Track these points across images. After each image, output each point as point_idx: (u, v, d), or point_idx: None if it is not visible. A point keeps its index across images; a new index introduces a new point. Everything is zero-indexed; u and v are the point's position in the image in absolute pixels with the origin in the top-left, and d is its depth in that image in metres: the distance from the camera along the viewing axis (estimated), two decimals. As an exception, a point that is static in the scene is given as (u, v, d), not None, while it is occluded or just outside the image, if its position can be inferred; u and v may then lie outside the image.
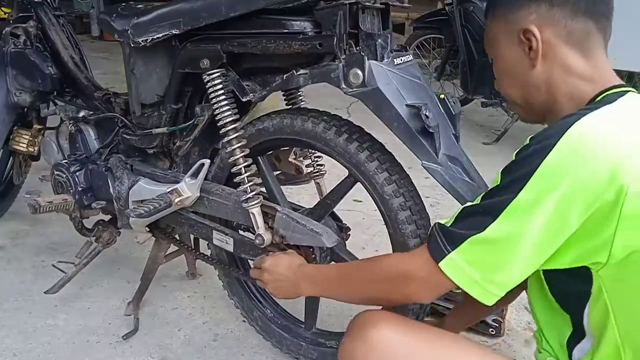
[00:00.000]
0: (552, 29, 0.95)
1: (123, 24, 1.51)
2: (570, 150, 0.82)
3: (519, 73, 0.99)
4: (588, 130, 0.83)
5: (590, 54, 0.95)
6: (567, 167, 0.82)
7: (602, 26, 0.95)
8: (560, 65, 0.95)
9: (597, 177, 0.81)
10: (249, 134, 1.46)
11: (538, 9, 0.95)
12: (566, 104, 0.96)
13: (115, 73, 4.39)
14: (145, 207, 1.54)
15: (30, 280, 2.08)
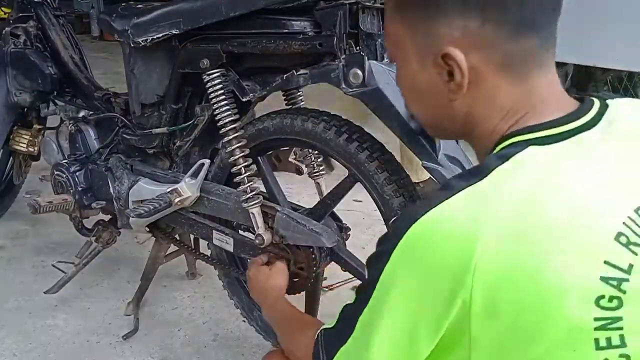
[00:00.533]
0: (482, 52, 0.67)
1: (123, 24, 1.51)
2: (405, 262, 0.65)
3: (431, 99, 0.74)
4: (426, 235, 0.64)
5: (527, 78, 0.69)
6: (402, 283, 0.65)
7: (545, 39, 0.69)
8: (487, 97, 0.70)
9: (437, 297, 0.63)
10: (249, 134, 1.46)
11: (465, 24, 0.66)
12: (483, 140, 0.73)
13: (115, 73, 4.38)
14: (145, 207, 1.54)
15: (30, 280, 2.08)
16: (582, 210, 0.62)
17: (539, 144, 0.65)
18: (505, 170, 0.64)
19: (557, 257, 0.60)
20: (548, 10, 0.68)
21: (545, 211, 0.62)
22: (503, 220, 0.61)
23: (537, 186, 0.63)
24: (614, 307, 0.61)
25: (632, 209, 0.63)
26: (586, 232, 0.62)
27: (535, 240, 0.61)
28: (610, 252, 0.61)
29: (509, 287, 0.61)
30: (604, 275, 0.61)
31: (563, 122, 0.68)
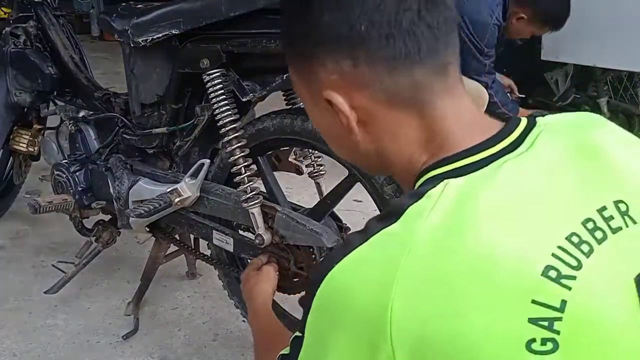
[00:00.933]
0: (363, 92, 0.64)
1: (123, 24, 1.51)
2: (323, 316, 0.62)
3: (340, 140, 0.71)
4: (340, 287, 0.60)
5: (427, 110, 0.65)
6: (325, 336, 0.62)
7: (436, 67, 0.64)
8: (388, 133, 0.67)
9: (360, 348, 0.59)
10: (249, 134, 1.46)
11: (339, 68, 0.64)
12: (403, 174, 0.70)
13: (115, 73, 4.39)
14: (145, 207, 1.54)
15: (30, 280, 2.08)
16: (501, 247, 0.55)
17: (454, 176, 0.61)
18: (418, 209, 0.59)
19: (477, 303, 0.54)
20: (430, 40, 0.63)
21: (460, 253, 0.56)
22: (416, 266, 0.56)
23: (451, 225, 0.57)
24: (549, 351, 0.53)
25: (563, 237, 0.57)
26: (508, 271, 0.55)
27: (451, 286, 0.55)
28: (538, 289, 0.54)
29: (429, 339, 0.55)
30: (533, 316, 0.54)
31: (481, 149, 0.63)
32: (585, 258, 0.56)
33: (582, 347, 0.55)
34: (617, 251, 0.58)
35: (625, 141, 0.68)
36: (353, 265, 0.60)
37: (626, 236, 0.59)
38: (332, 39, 0.64)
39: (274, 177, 1.54)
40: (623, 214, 0.60)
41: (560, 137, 0.65)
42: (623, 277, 0.58)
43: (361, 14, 0.61)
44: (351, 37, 0.62)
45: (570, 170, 0.62)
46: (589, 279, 0.56)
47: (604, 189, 0.61)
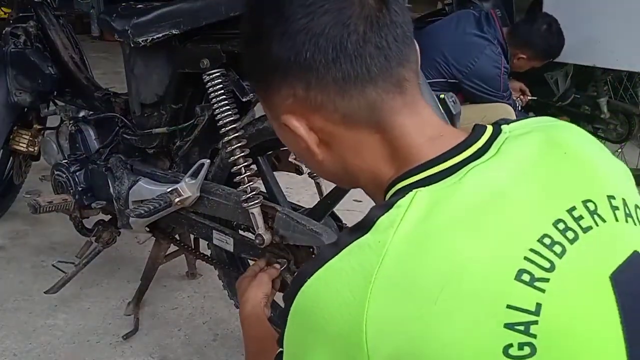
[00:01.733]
0: (319, 114, 0.66)
1: (123, 24, 1.50)
2: (299, 329, 0.63)
3: (308, 160, 0.73)
4: (314, 300, 0.60)
5: (385, 126, 0.65)
6: (301, 348, 0.63)
7: (393, 82, 0.65)
8: (351, 150, 0.68)
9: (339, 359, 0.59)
10: (249, 133, 1.46)
11: (292, 92, 0.65)
12: (372, 189, 0.71)
13: (115, 73, 4.39)
14: (145, 207, 1.54)
15: (30, 280, 2.08)
16: (473, 254, 0.55)
17: (422, 186, 0.61)
18: (389, 219, 0.59)
19: (450, 312, 0.54)
20: (379, 60, 0.63)
21: (431, 261, 0.56)
22: (389, 276, 0.56)
23: (421, 234, 0.57)
24: (527, 355, 0.53)
25: (534, 239, 0.57)
26: (481, 277, 0.55)
27: (424, 296, 0.55)
28: (511, 294, 0.54)
29: (405, 351, 0.55)
30: (509, 321, 0.53)
31: (446, 157, 0.63)
32: (558, 259, 0.56)
33: (560, 349, 0.55)
34: (589, 250, 0.58)
35: (589, 141, 0.69)
36: (326, 277, 0.60)
37: (597, 235, 0.59)
38: (282, 66, 0.65)
39: (274, 177, 1.54)
40: (592, 213, 0.60)
41: (525, 141, 0.65)
42: (597, 275, 0.58)
43: (306, 41, 0.62)
44: (299, 63, 0.63)
45: (538, 173, 0.62)
46: (563, 280, 0.56)
47: (572, 189, 0.62)
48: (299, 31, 0.62)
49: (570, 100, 3.30)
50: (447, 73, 2.57)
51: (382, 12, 0.63)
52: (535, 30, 2.65)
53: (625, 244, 0.61)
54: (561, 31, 2.66)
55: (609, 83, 3.35)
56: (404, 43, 0.65)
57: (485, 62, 2.58)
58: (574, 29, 2.68)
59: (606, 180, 0.64)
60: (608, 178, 0.65)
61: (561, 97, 3.28)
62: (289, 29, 0.63)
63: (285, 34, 0.63)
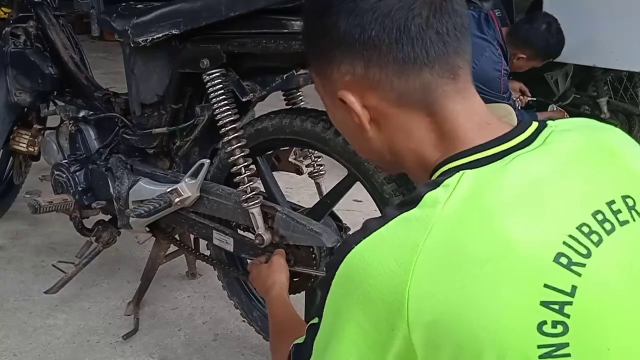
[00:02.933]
0: (375, 92, 0.68)
1: (123, 24, 1.51)
2: (343, 293, 0.64)
3: (356, 137, 0.76)
4: (360, 265, 0.62)
5: (437, 110, 0.68)
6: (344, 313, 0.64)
7: (448, 69, 0.68)
8: (400, 132, 0.71)
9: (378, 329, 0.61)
10: (248, 134, 1.46)
11: (352, 69, 0.68)
12: (417, 171, 0.74)
13: (115, 73, 4.38)
14: (145, 207, 1.54)
15: (30, 280, 2.08)
16: (516, 234, 0.58)
17: (469, 168, 0.63)
18: (435, 196, 0.62)
19: (492, 285, 0.57)
20: (438, 45, 0.66)
21: (476, 238, 0.59)
22: (434, 248, 0.59)
23: (468, 211, 0.60)
24: (559, 333, 0.56)
25: (573, 227, 0.60)
26: (521, 256, 0.57)
27: (468, 269, 0.58)
28: (549, 274, 0.57)
29: (444, 319, 0.58)
30: (545, 299, 0.56)
31: (494, 145, 0.66)
32: (594, 247, 0.59)
33: (590, 330, 0.57)
34: (624, 242, 0.61)
35: (631, 144, 0.72)
36: (372, 246, 0.62)
37: (633, 229, 0.62)
38: (346, 42, 0.68)
39: (272, 177, 1.54)
40: (630, 208, 0.63)
41: (570, 135, 0.68)
42: (631, 266, 0.61)
43: (373, 20, 0.65)
44: (363, 41, 0.66)
45: (581, 165, 0.65)
46: (598, 267, 0.59)
47: (612, 184, 0.65)
48: (367, 10, 0.65)
49: (570, 100, 3.30)
50: None
51: (446, 0, 0.66)
52: (535, 30, 2.65)
53: None
54: (561, 30, 2.65)
55: (609, 83, 3.34)
56: (462, 32, 0.68)
57: (486, 65, 2.58)
58: (574, 29, 2.68)
59: None
60: None
61: (561, 97, 3.28)
62: (358, 7, 0.66)
63: (353, 11, 0.66)
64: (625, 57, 2.76)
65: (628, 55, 2.75)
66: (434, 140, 0.70)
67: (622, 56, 2.76)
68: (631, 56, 2.74)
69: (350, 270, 0.63)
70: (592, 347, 0.57)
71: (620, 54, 2.76)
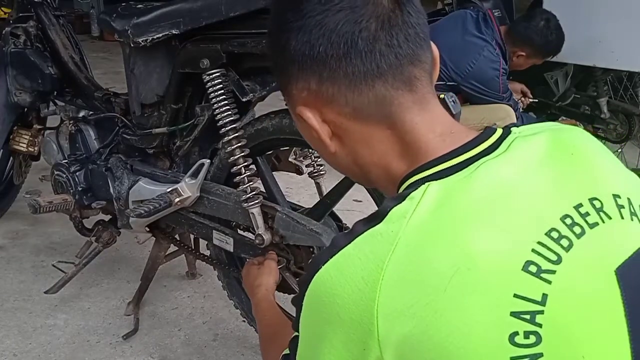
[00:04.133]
0: (331, 107, 0.68)
1: (123, 24, 1.50)
2: (314, 314, 0.64)
3: (321, 151, 0.75)
4: (328, 284, 0.62)
5: (395, 122, 0.68)
6: (319, 334, 0.64)
7: (402, 80, 0.67)
8: (362, 144, 0.70)
9: (350, 346, 0.61)
10: (249, 133, 1.46)
11: (307, 85, 0.69)
12: (384, 183, 0.73)
13: (115, 73, 4.39)
14: (145, 207, 1.54)
15: (30, 280, 2.08)
16: (482, 244, 0.57)
17: (435, 179, 0.63)
18: (401, 211, 0.61)
19: (459, 299, 0.56)
20: (389, 58, 0.66)
21: (441, 251, 0.58)
22: (400, 264, 0.58)
23: (433, 224, 0.59)
24: (532, 344, 0.55)
25: (542, 233, 0.59)
26: (488, 267, 0.56)
27: (434, 284, 0.57)
28: (519, 284, 0.56)
29: (414, 336, 0.56)
30: (515, 310, 0.55)
31: (457, 154, 0.65)
32: (564, 252, 0.58)
33: (564, 339, 0.56)
34: (595, 245, 0.60)
35: (594, 144, 0.71)
36: (339, 264, 0.62)
37: (603, 231, 0.61)
38: (298, 59, 0.68)
39: (273, 177, 1.54)
40: (598, 210, 0.62)
41: (534, 140, 0.67)
42: (603, 269, 0.59)
43: (320, 36, 0.65)
44: (313, 57, 0.67)
45: (546, 170, 0.64)
46: (569, 273, 0.57)
47: (579, 187, 0.64)
48: (314, 26, 0.66)
49: (570, 100, 3.30)
50: (445, 76, 2.55)
51: (395, 12, 0.65)
52: (533, 27, 2.63)
53: (631, 240, 0.62)
54: (560, 27, 2.63)
55: (609, 83, 3.35)
56: (416, 43, 0.67)
57: (484, 64, 2.57)
58: (574, 29, 2.68)
59: (611, 180, 0.66)
60: (613, 178, 0.66)
61: (561, 97, 3.28)
62: (306, 24, 0.66)
63: (302, 28, 0.67)
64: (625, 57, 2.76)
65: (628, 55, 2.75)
66: (397, 152, 0.69)
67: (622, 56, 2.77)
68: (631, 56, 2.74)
69: (319, 291, 0.63)
70: (566, 356, 0.56)
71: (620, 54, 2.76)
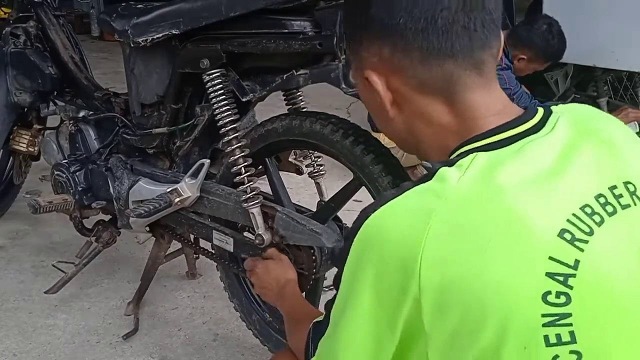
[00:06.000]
0: (398, 77, 0.72)
1: (123, 24, 1.51)
2: (361, 256, 0.68)
3: (378, 115, 0.79)
4: (378, 229, 0.67)
5: (457, 100, 0.72)
6: (362, 277, 0.68)
7: (471, 62, 0.71)
8: (421, 116, 0.75)
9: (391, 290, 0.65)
10: (259, 134, 1.46)
11: (379, 52, 0.72)
12: (434, 154, 0.77)
13: (115, 73, 4.39)
14: (145, 207, 1.54)
15: (30, 280, 2.08)
16: (524, 209, 0.63)
17: (483, 151, 0.68)
18: (450, 172, 0.66)
19: (501, 255, 0.61)
20: (463, 39, 0.69)
21: (488, 208, 0.63)
22: (448, 216, 0.63)
23: (479, 188, 0.64)
24: (562, 304, 0.60)
25: (577, 207, 0.64)
26: (529, 229, 0.62)
27: (479, 237, 0.62)
28: (554, 248, 0.62)
29: (454, 283, 0.62)
30: (550, 271, 0.61)
31: (505, 128, 0.70)
32: (596, 227, 0.64)
33: (592, 303, 0.62)
34: (625, 225, 0.66)
35: (625, 130, 0.77)
36: (389, 212, 0.67)
37: (634, 213, 0.67)
38: (375, 26, 0.72)
39: (280, 179, 1.54)
40: (631, 193, 0.68)
41: (576, 123, 0.73)
42: (630, 247, 0.65)
43: (402, 9, 0.69)
44: (392, 26, 0.70)
45: (586, 152, 0.69)
46: (599, 244, 0.63)
47: (614, 170, 0.69)
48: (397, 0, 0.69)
49: (570, 100, 3.29)
50: None
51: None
52: (535, 30, 2.65)
53: None
54: (562, 33, 2.64)
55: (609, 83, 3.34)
56: (490, 29, 0.71)
57: None
58: (573, 29, 2.68)
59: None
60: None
61: (561, 97, 3.27)
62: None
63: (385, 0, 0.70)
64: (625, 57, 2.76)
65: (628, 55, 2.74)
66: (453, 127, 0.73)
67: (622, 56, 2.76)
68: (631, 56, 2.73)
69: (367, 236, 0.68)
70: (592, 317, 0.61)
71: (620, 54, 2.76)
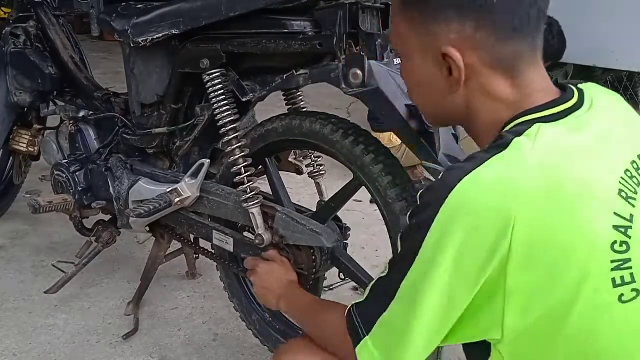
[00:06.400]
0: (477, 53, 0.78)
1: (123, 24, 1.50)
2: (447, 225, 0.73)
3: (433, 91, 0.84)
4: (469, 196, 0.72)
5: (519, 75, 0.80)
6: (443, 245, 0.73)
7: (534, 42, 0.80)
8: (483, 91, 0.81)
9: (478, 253, 0.72)
10: (259, 134, 1.46)
11: (462, 28, 0.77)
12: (484, 128, 0.83)
13: (115, 73, 4.39)
14: (145, 207, 1.54)
15: (30, 280, 2.08)
16: (591, 172, 0.74)
17: (544, 122, 0.76)
18: (523, 141, 0.74)
19: (582, 211, 0.73)
20: (534, 19, 0.78)
21: (565, 173, 0.73)
22: (532, 182, 0.72)
23: (554, 153, 0.74)
24: (624, 251, 0.73)
25: (622, 171, 0.77)
26: (598, 190, 0.74)
27: (562, 198, 0.72)
28: (616, 204, 0.74)
29: (542, 240, 0.71)
30: (615, 224, 0.73)
31: (556, 104, 0.79)
32: (638, 187, 0.78)
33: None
34: None
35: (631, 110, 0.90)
36: (476, 181, 0.73)
37: None
38: (461, 4, 0.77)
39: (280, 180, 1.54)
40: None
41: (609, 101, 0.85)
42: None
43: None
44: (481, 5, 0.76)
45: (621, 125, 0.83)
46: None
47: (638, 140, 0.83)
48: None
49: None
50: None
51: None
52: None
53: None
54: (562, 33, 2.64)
55: (609, 83, 3.34)
56: (545, 15, 0.80)
57: None
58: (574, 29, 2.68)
59: None
60: None
61: (561, 97, 3.27)
62: None
63: None
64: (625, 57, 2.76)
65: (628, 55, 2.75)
66: (511, 100, 0.80)
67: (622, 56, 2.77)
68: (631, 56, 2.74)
69: (457, 205, 0.73)
70: None
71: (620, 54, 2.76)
